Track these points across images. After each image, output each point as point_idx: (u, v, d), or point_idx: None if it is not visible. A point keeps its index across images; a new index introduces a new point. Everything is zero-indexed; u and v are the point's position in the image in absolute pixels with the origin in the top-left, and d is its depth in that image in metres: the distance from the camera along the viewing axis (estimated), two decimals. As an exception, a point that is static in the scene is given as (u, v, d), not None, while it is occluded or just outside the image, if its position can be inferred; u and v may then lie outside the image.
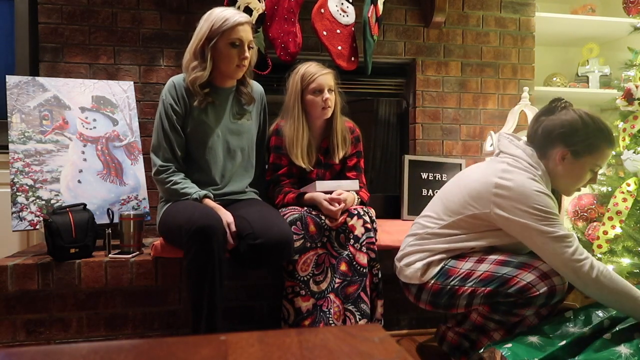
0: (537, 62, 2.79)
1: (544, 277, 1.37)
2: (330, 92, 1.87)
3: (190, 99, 1.74)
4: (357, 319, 1.68)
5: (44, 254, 1.80)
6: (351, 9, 2.26)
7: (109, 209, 1.95)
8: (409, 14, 2.61)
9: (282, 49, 2.16)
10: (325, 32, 2.17)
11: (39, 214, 1.86)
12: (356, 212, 1.78)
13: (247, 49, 1.72)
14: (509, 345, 1.34)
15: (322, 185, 1.81)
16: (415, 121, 2.66)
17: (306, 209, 1.76)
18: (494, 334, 1.50)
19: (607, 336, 1.31)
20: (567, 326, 1.39)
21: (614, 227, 1.96)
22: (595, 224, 2.18)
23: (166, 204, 1.73)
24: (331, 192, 1.78)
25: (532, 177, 1.43)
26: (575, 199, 2.33)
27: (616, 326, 1.33)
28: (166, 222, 1.69)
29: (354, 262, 1.72)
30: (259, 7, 2.07)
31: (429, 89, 2.66)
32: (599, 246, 1.98)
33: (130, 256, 1.80)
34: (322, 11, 2.17)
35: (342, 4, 2.23)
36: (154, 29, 2.32)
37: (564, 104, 1.52)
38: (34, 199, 1.88)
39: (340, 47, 2.20)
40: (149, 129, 2.17)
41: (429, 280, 1.52)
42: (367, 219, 1.77)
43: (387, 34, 2.59)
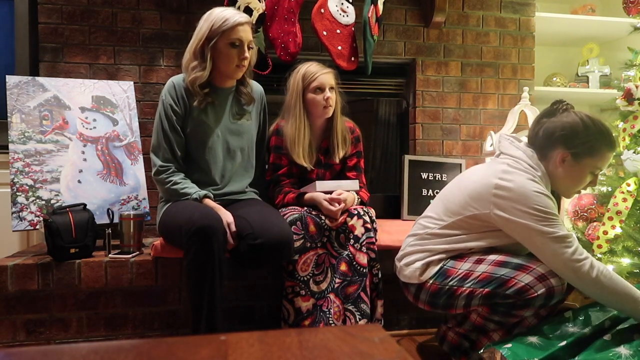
0: (537, 62, 2.79)
1: (541, 278, 1.37)
2: (331, 91, 1.87)
3: (190, 99, 1.74)
4: (357, 319, 1.68)
5: (44, 254, 1.81)
6: (351, 9, 2.25)
7: (109, 209, 1.95)
8: (409, 14, 2.61)
9: (282, 49, 2.16)
10: (325, 32, 2.16)
11: (39, 214, 1.86)
12: (356, 212, 1.78)
13: (247, 49, 1.72)
14: (508, 345, 1.34)
15: (322, 185, 1.81)
16: (415, 121, 2.66)
17: (306, 209, 1.76)
18: (493, 335, 1.50)
19: (607, 337, 1.31)
20: (566, 326, 1.39)
21: (614, 227, 1.96)
22: (595, 224, 2.18)
23: (166, 204, 1.73)
24: (331, 192, 1.79)
25: (532, 178, 1.43)
26: (575, 199, 2.32)
27: (617, 327, 1.33)
28: (166, 222, 1.69)
29: (354, 262, 1.72)
30: (259, 7, 2.07)
31: (429, 89, 2.66)
32: (599, 246, 1.98)
33: (130, 256, 1.80)
34: (322, 11, 2.17)
35: (342, 4, 2.23)
36: (154, 29, 2.32)
37: (565, 106, 1.52)
38: (34, 199, 1.88)
39: (340, 47, 2.20)
40: (149, 129, 2.17)
41: (428, 280, 1.52)
42: (367, 219, 1.77)
43: (387, 34, 2.59)
